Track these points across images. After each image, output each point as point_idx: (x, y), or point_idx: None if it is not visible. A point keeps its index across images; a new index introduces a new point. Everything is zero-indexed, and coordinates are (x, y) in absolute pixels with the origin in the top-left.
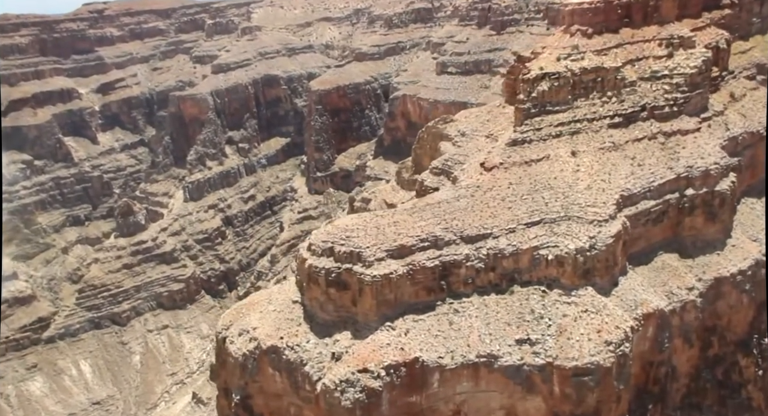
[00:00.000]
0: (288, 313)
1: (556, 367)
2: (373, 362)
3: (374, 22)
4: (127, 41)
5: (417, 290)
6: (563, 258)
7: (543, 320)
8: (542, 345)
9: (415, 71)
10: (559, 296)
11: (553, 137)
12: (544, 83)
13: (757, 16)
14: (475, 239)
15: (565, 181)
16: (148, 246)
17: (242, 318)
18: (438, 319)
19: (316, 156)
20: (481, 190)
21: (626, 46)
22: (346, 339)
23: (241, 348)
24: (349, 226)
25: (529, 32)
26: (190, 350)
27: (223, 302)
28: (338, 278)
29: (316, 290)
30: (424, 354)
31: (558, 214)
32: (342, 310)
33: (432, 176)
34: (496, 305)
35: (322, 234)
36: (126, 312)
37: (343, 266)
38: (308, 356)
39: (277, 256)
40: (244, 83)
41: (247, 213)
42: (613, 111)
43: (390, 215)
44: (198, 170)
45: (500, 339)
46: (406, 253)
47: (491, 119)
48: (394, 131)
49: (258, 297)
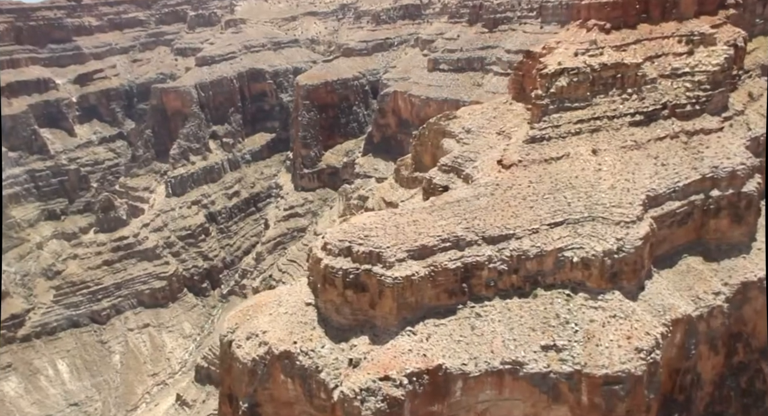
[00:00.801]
0: (301, 316)
1: (584, 375)
2: (395, 369)
3: (361, 18)
4: (105, 31)
5: (438, 293)
6: (589, 261)
7: (569, 325)
8: (569, 352)
9: (405, 68)
10: (585, 300)
11: (573, 135)
12: (563, 79)
13: (760, 17)
14: (497, 240)
15: (587, 180)
16: (130, 242)
17: (249, 320)
18: (460, 324)
19: (303, 152)
20: (501, 188)
21: (644, 42)
22: (364, 344)
23: (250, 352)
24: (367, 225)
25: (522, 30)
26: (172, 350)
27: (206, 300)
28: (356, 280)
29: (332, 292)
30: (447, 360)
31: (581, 214)
32: (359, 313)
33: (441, 173)
34: (519, 310)
35: (338, 233)
36: (106, 310)
37: (361, 267)
38: (324, 362)
39: (263, 254)
40: (229, 77)
41: (231, 210)
42: (634, 109)
43: (409, 214)
44: (181, 164)
45: (525, 345)
46: (428, 254)
47: (498, 116)
48: (384, 127)
49: (265, 298)
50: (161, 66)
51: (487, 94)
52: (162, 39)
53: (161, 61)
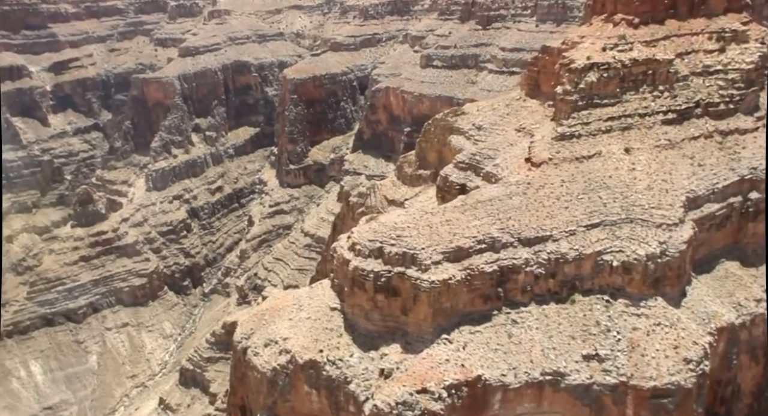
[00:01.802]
0: (326, 322)
1: (631, 387)
2: (433, 381)
3: (347, 13)
4: (82, 19)
5: (473, 298)
6: (631, 265)
7: (610, 333)
8: (613, 362)
9: (396, 64)
10: (626, 306)
11: (603, 132)
12: (593, 74)
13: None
14: (533, 242)
15: (622, 180)
16: (108, 237)
17: (266, 325)
18: (496, 331)
19: (289, 148)
20: (533, 187)
21: (673, 38)
22: (396, 353)
23: (270, 361)
24: (399, 224)
25: (516, 29)
26: (152, 350)
27: (187, 299)
28: (388, 284)
29: (360, 296)
30: (486, 371)
31: (618, 216)
32: (390, 319)
33: (458, 171)
34: (557, 316)
35: (367, 233)
36: (82, 308)
37: (394, 270)
38: (353, 372)
39: (248, 251)
40: (213, 68)
41: (214, 205)
42: (666, 107)
43: (441, 213)
44: (162, 157)
45: (565, 355)
46: (463, 256)
47: (511, 113)
48: (375, 124)
49: (281, 302)
50: (140, 56)
51: (482, 91)
52: (141, 29)
53: (140, 51)
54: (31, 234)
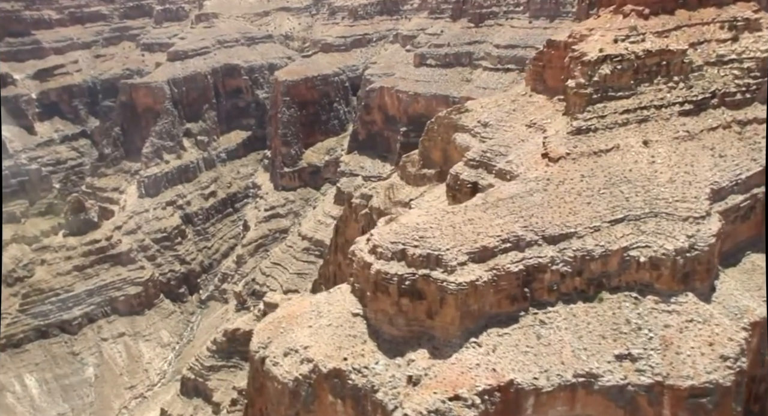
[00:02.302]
0: (348, 328)
1: (668, 387)
2: (465, 387)
3: (336, 14)
4: (66, 25)
5: (500, 299)
6: (659, 260)
7: (642, 331)
8: (646, 361)
9: (388, 63)
10: (656, 303)
11: (620, 125)
12: (606, 66)
13: None
14: (558, 239)
15: (642, 173)
16: (102, 246)
17: (284, 333)
18: (524, 332)
19: (283, 151)
20: (553, 183)
21: (684, 28)
22: (423, 359)
23: (291, 371)
24: (420, 224)
25: (509, 25)
26: (150, 360)
27: (184, 306)
28: (413, 287)
29: (384, 300)
30: (518, 375)
31: (642, 210)
32: (415, 324)
33: (468, 168)
34: (585, 315)
35: (389, 234)
36: (77, 319)
37: (418, 272)
38: (380, 380)
39: (244, 256)
40: (203, 72)
41: (208, 211)
42: (683, 97)
43: (462, 212)
44: (154, 163)
45: (597, 355)
46: (488, 256)
47: (518, 109)
48: (370, 124)
49: (297, 308)
50: (127, 62)
51: (478, 89)
52: (127, 34)
53: (126, 56)
54: (21, 245)
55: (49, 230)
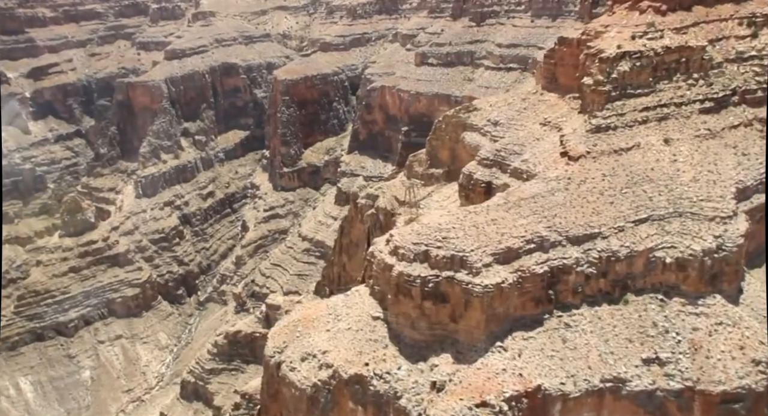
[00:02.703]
0: (368, 332)
1: (698, 392)
2: (492, 393)
3: (334, 13)
4: (61, 23)
5: (524, 301)
6: (686, 261)
7: (669, 334)
8: (675, 366)
9: (388, 63)
10: (682, 305)
11: (640, 123)
12: (625, 63)
13: None
14: (582, 240)
15: (665, 172)
16: (99, 247)
17: (301, 337)
18: (549, 336)
19: (282, 151)
20: (574, 182)
21: (702, 24)
22: (447, 364)
23: (309, 376)
24: (443, 225)
25: (511, 24)
26: (147, 363)
27: (182, 308)
28: (436, 289)
29: (406, 303)
30: (545, 380)
31: (666, 210)
32: (437, 327)
33: (482, 168)
34: (611, 318)
35: (410, 235)
36: (73, 321)
37: (442, 274)
38: (403, 386)
39: (243, 257)
40: (201, 71)
41: (206, 211)
42: (703, 95)
43: (484, 212)
44: (152, 163)
45: (624, 359)
46: (513, 257)
47: (529, 107)
48: (371, 124)
49: (313, 312)
50: (122, 60)
51: (480, 88)
52: (122, 32)
53: (122, 55)
54: (14, 245)
55: (42, 230)
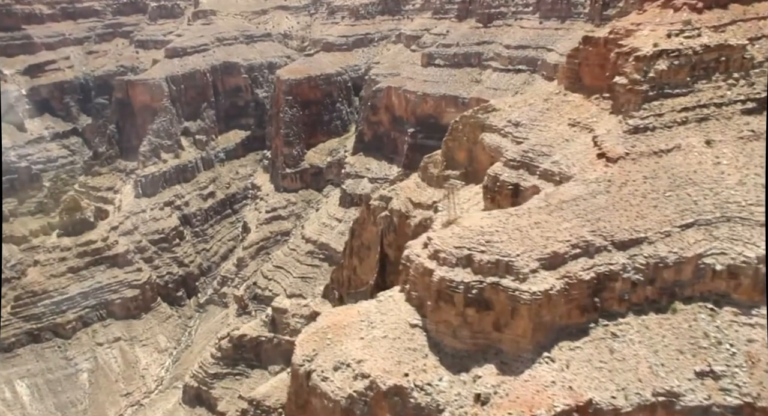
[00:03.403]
0: (407, 341)
1: (760, 410)
2: (543, 407)
3: (335, 13)
4: (58, 20)
5: (570, 309)
6: (738, 269)
7: (722, 346)
8: (731, 380)
9: (393, 63)
10: (735, 315)
11: (679, 124)
12: (662, 62)
13: None
14: (627, 245)
15: (708, 175)
16: (98, 247)
17: (332, 345)
18: (596, 346)
19: (285, 151)
20: (615, 185)
21: (740, 23)
22: (491, 375)
23: (344, 387)
24: (485, 227)
25: (519, 26)
26: (146, 366)
27: (181, 310)
28: (480, 296)
29: (448, 311)
30: (595, 393)
31: (713, 214)
32: (480, 336)
33: (509, 169)
34: (659, 328)
35: (452, 238)
36: (71, 323)
37: (487, 280)
38: (445, 398)
39: (245, 259)
40: (202, 69)
41: (207, 212)
42: (744, 95)
43: (526, 214)
44: (152, 162)
45: (676, 372)
46: (559, 262)
47: (552, 108)
48: (377, 125)
49: (344, 318)
50: (120, 58)
51: (489, 90)
52: (120, 30)
53: (119, 53)
54: (9, 245)
55: (38, 229)
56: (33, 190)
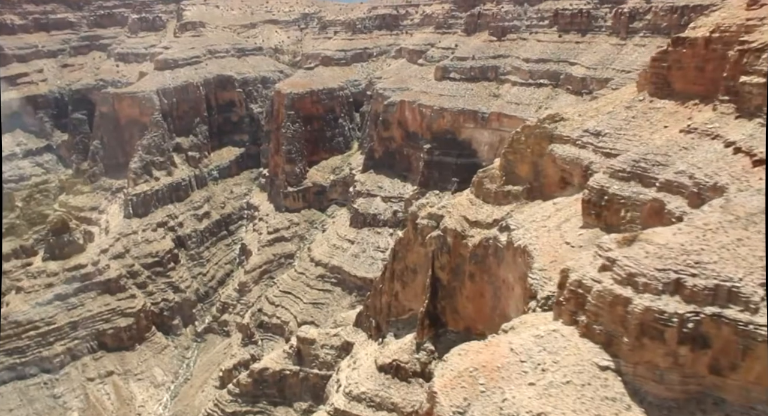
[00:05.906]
0: (599, 388)
1: None
2: None
3: (327, 28)
4: (30, 32)
5: None
6: None
7: None
8: None
9: (399, 78)
10: None
11: None
12: None
13: None
14: None
15: None
16: (88, 272)
17: (488, 393)
18: None
19: (287, 169)
20: None
21: None
22: None
23: None
24: (685, 245)
25: (535, 39)
26: (143, 402)
27: (177, 340)
28: (695, 331)
29: (654, 349)
30: None
31: None
32: (692, 382)
33: (617, 181)
34: None
35: (648, 259)
36: (59, 356)
37: (704, 311)
38: None
39: (248, 284)
40: (195, 83)
41: (202, 233)
42: None
43: (722, 230)
44: (143, 180)
45: None
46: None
47: (638, 116)
48: (388, 141)
49: (494, 357)
50: (99, 72)
51: (509, 104)
52: (97, 43)
53: (97, 66)
54: None
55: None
56: (5, 210)
